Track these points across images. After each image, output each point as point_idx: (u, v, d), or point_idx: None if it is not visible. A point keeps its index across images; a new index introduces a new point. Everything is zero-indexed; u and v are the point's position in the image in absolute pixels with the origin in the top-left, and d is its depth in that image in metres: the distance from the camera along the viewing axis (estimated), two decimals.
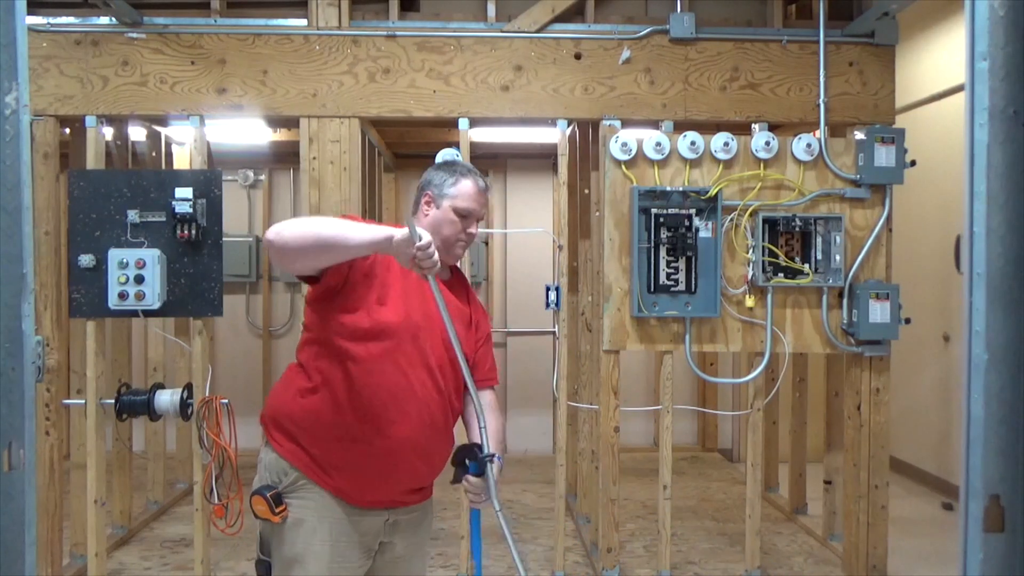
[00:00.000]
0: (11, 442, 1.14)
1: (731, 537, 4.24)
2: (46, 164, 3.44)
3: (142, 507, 4.57)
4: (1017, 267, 1.16)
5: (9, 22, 1.12)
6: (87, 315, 3.37)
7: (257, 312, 6.09)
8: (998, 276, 1.16)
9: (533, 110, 3.59)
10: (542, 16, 3.59)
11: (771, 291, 3.49)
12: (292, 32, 3.53)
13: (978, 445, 1.17)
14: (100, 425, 3.42)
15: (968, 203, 1.15)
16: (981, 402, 1.17)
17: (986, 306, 1.16)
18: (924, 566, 3.91)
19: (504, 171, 6.24)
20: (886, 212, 3.53)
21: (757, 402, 3.58)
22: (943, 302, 5.05)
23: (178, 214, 3.32)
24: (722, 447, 6.14)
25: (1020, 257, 1.15)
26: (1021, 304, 1.16)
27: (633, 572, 3.76)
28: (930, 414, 5.25)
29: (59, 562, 3.56)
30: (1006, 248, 1.16)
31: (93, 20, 3.49)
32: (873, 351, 3.55)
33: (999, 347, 1.16)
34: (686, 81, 3.59)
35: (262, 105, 3.52)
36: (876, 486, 3.59)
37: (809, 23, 3.67)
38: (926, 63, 5.28)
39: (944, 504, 4.90)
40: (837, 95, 3.60)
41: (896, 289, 3.49)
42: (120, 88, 3.49)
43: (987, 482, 1.16)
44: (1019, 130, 1.14)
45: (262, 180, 6.11)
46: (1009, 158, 1.15)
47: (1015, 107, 1.14)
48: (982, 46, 1.14)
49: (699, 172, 3.50)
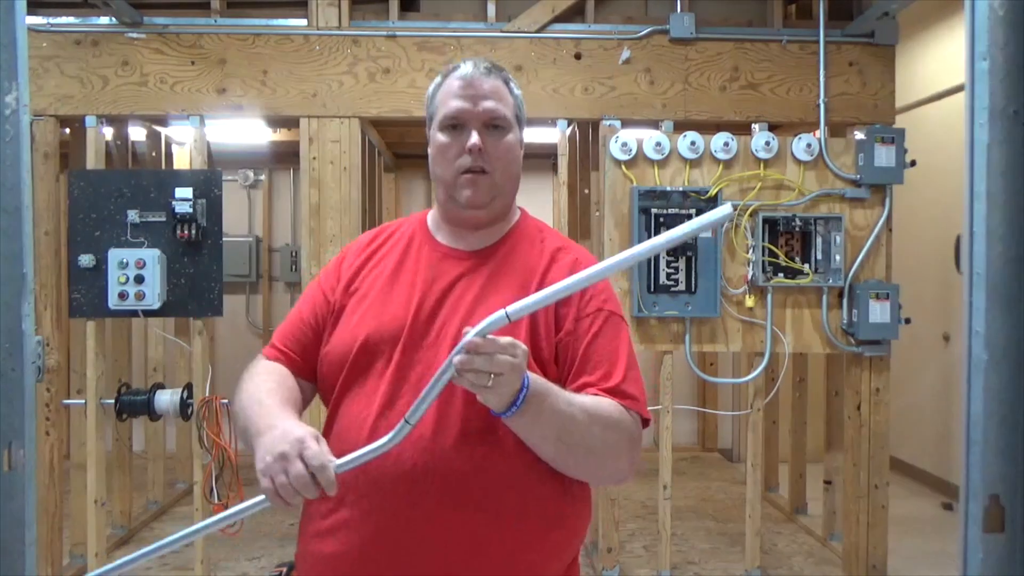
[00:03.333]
0: (11, 442, 1.14)
1: (731, 537, 4.23)
2: (46, 164, 3.44)
3: (142, 507, 4.56)
4: (1017, 267, 1.16)
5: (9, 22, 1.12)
6: (87, 315, 3.37)
7: (257, 312, 6.09)
8: (998, 276, 1.16)
9: (533, 110, 3.57)
10: (542, 16, 3.59)
11: (771, 291, 3.49)
12: (292, 32, 3.53)
13: (978, 445, 1.16)
14: (100, 425, 3.42)
15: (968, 203, 1.15)
16: (981, 402, 1.17)
17: (986, 306, 1.16)
18: (924, 566, 3.91)
19: None
20: (886, 212, 3.53)
21: (757, 402, 3.58)
22: (943, 302, 5.05)
23: (178, 214, 3.32)
24: (722, 447, 6.14)
25: (1020, 257, 1.15)
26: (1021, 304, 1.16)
27: (633, 572, 3.76)
28: (930, 414, 5.25)
29: (59, 562, 3.56)
30: (1006, 248, 1.15)
31: (93, 20, 3.49)
32: (873, 351, 3.55)
33: (999, 347, 1.16)
34: (686, 81, 3.59)
35: (262, 105, 3.52)
36: (876, 486, 3.59)
37: (809, 23, 3.67)
38: (926, 63, 5.28)
39: (944, 504, 4.90)
40: (837, 95, 3.59)
41: (896, 289, 3.49)
42: (120, 88, 3.49)
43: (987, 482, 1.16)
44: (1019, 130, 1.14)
45: (262, 180, 6.10)
46: (1009, 158, 1.15)
47: (1015, 107, 1.14)
48: (982, 46, 1.14)
49: (699, 172, 3.49)
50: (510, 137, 1.35)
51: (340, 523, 1.27)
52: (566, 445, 1.21)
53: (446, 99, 1.33)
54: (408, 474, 1.22)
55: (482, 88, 1.33)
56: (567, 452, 1.22)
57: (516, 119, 1.37)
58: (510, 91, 1.38)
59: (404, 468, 1.22)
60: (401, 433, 1.16)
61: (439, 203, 1.41)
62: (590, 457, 1.23)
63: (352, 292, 1.38)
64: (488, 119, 1.32)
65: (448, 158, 1.33)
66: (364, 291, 1.37)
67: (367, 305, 1.35)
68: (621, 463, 1.26)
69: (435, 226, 1.43)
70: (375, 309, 1.34)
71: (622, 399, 1.26)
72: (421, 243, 1.40)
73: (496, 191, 1.35)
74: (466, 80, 1.33)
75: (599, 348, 1.29)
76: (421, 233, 1.42)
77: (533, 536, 1.25)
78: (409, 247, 1.40)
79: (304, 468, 1.12)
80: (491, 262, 1.36)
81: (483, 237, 1.39)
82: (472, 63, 1.35)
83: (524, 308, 1.11)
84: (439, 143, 1.34)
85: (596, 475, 1.29)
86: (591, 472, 1.28)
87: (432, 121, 1.36)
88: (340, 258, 1.46)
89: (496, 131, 1.33)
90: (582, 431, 1.20)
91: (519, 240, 1.39)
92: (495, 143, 1.33)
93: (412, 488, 1.22)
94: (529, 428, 1.19)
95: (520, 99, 1.40)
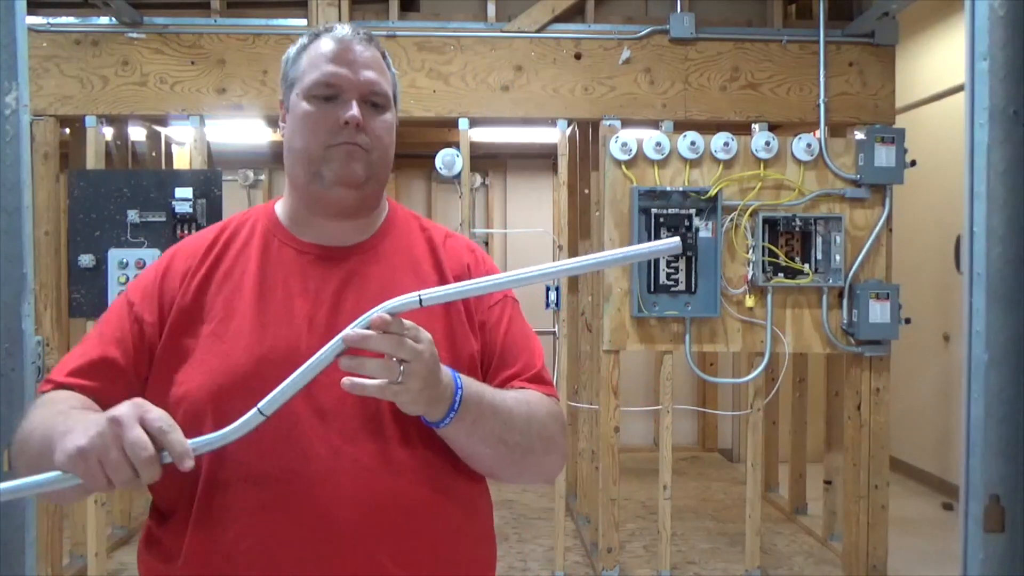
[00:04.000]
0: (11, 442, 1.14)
1: (731, 537, 4.23)
2: (46, 164, 3.44)
3: (142, 507, 4.56)
4: (1017, 267, 1.16)
5: (9, 22, 1.12)
6: (87, 315, 3.37)
7: None
8: (998, 276, 1.16)
9: (533, 110, 3.59)
10: (542, 16, 3.59)
11: (771, 291, 3.49)
12: (292, 32, 3.53)
13: (978, 445, 1.17)
14: None
15: (968, 203, 1.15)
16: (981, 402, 1.17)
17: (986, 306, 1.16)
18: (924, 566, 3.91)
19: (504, 171, 6.24)
20: (886, 212, 3.53)
21: (757, 402, 3.58)
22: (943, 302, 5.05)
23: (178, 214, 3.32)
24: (722, 447, 6.14)
25: (1020, 257, 1.16)
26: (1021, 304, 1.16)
27: (633, 572, 3.76)
28: (930, 414, 5.25)
29: (59, 562, 3.55)
30: (1006, 248, 1.16)
31: (93, 20, 3.49)
32: (873, 351, 3.54)
33: (999, 347, 1.16)
34: (686, 81, 3.59)
35: (262, 105, 3.52)
36: (876, 486, 3.59)
37: (809, 23, 3.67)
38: (926, 63, 5.28)
39: (944, 504, 4.90)
40: (837, 95, 3.59)
41: (896, 289, 3.49)
42: (120, 88, 3.49)
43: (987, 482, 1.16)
44: (1019, 130, 1.14)
45: (262, 180, 6.11)
46: (1009, 158, 1.15)
47: (1015, 107, 1.14)
48: (982, 46, 1.14)
49: (699, 172, 3.49)
50: (388, 116, 1.15)
51: None
52: (507, 447, 1.08)
53: (317, 62, 1.11)
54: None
55: (363, 55, 1.12)
56: (507, 455, 1.09)
57: (394, 99, 1.18)
58: (388, 66, 1.17)
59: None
60: (251, 423, 0.96)
61: (295, 187, 1.16)
62: (529, 456, 1.11)
63: (198, 320, 1.10)
64: (368, 91, 1.11)
65: (316, 131, 1.10)
66: (222, 315, 1.09)
67: (234, 332, 1.08)
68: (558, 456, 1.17)
69: (291, 221, 1.17)
70: (252, 336, 1.07)
71: (543, 386, 1.17)
72: (281, 244, 1.15)
73: (371, 171, 1.12)
74: (343, 44, 1.11)
75: (514, 336, 1.18)
76: (276, 232, 1.17)
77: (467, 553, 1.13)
78: (266, 251, 1.14)
79: (144, 434, 0.88)
80: (376, 257, 1.15)
81: (356, 230, 1.16)
82: (350, 26, 1.15)
83: (440, 296, 0.97)
84: (304, 112, 1.10)
85: (536, 474, 1.17)
86: (531, 472, 1.16)
87: (294, 87, 1.13)
88: (158, 273, 1.15)
89: (374, 108, 1.13)
90: (522, 430, 1.09)
91: (399, 231, 1.20)
92: (374, 120, 1.12)
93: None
94: (468, 434, 1.04)
95: (396, 77, 1.20)
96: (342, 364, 0.94)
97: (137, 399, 0.92)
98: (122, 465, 0.88)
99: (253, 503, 1.02)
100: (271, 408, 0.96)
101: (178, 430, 0.91)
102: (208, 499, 1.04)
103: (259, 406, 0.95)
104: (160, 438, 0.89)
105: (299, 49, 1.16)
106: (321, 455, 1.03)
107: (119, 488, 0.90)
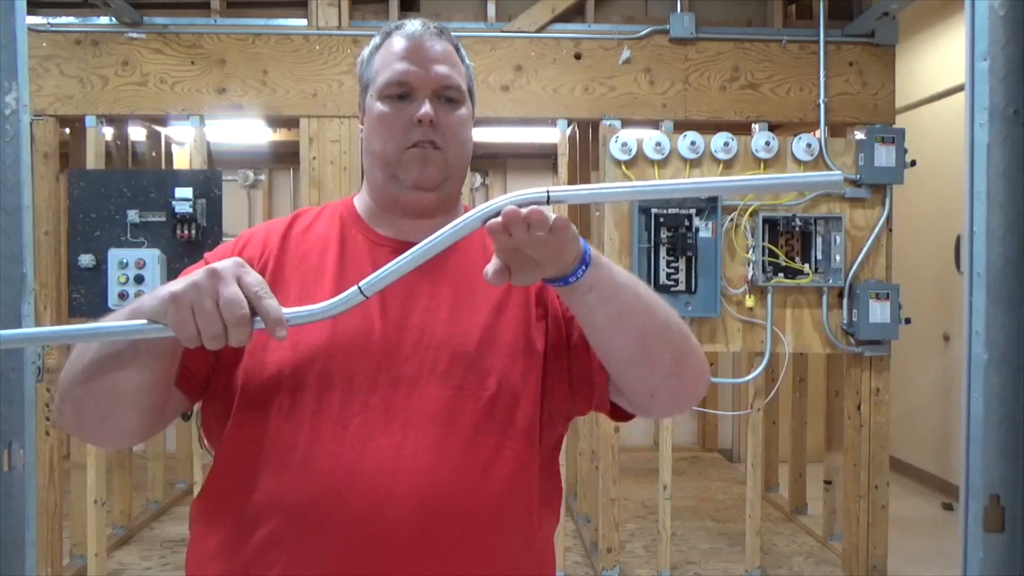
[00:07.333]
0: (11, 442, 1.14)
1: (731, 537, 4.23)
2: (46, 164, 3.44)
3: (142, 507, 4.56)
4: (1017, 267, 1.16)
5: (9, 22, 1.12)
6: (87, 315, 3.36)
7: None
8: (998, 276, 1.16)
9: (533, 110, 3.59)
10: (542, 16, 3.59)
11: (771, 291, 3.49)
12: (292, 32, 3.53)
13: (978, 445, 1.17)
14: None
15: (968, 203, 1.15)
16: (981, 402, 1.17)
17: (986, 306, 1.17)
18: (924, 566, 3.91)
19: (504, 171, 6.24)
20: (886, 212, 3.53)
21: (757, 402, 3.58)
22: (943, 302, 5.05)
23: (178, 214, 3.32)
24: (722, 447, 6.14)
25: (1020, 257, 1.16)
26: (1021, 304, 1.16)
27: (633, 572, 3.76)
28: (930, 414, 5.25)
29: (59, 562, 3.55)
30: (1006, 248, 1.16)
31: (93, 20, 3.49)
32: (873, 351, 3.55)
33: (999, 347, 1.16)
34: (686, 81, 3.59)
35: (262, 105, 3.52)
36: (876, 486, 3.59)
37: (809, 23, 3.67)
38: (926, 63, 5.28)
39: (944, 504, 4.90)
40: (837, 95, 3.59)
41: (896, 289, 3.49)
42: (120, 88, 3.49)
43: (987, 482, 1.16)
44: (1019, 130, 1.14)
45: (262, 180, 6.11)
46: (1009, 158, 1.15)
47: (1015, 107, 1.14)
48: (982, 46, 1.14)
49: (699, 172, 3.49)
50: (463, 111, 1.12)
51: None
52: (639, 329, 0.99)
53: (389, 61, 1.10)
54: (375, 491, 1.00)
55: (434, 50, 1.10)
56: (642, 337, 1.00)
57: (469, 92, 1.15)
58: (461, 59, 1.15)
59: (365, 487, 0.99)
60: (351, 300, 0.92)
61: (373, 187, 1.15)
62: (671, 347, 1.03)
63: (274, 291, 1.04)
64: (440, 87, 1.09)
65: (392, 130, 1.09)
66: (297, 290, 1.07)
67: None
68: (706, 366, 1.10)
69: (368, 214, 1.16)
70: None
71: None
72: (358, 235, 1.14)
73: (448, 172, 1.11)
74: (414, 40, 1.10)
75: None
76: (353, 221, 1.16)
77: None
78: (344, 239, 1.13)
79: (241, 292, 0.86)
80: (451, 256, 1.06)
81: (432, 229, 1.01)
82: (420, 22, 1.12)
83: (568, 195, 0.94)
84: (379, 113, 1.10)
85: (683, 372, 1.06)
86: (679, 367, 1.05)
87: (369, 89, 1.13)
88: (236, 249, 1.15)
89: (449, 104, 1.11)
90: (653, 307, 1.01)
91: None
92: (448, 116, 1.10)
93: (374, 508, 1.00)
94: (600, 297, 0.97)
95: (472, 70, 1.17)
96: (489, 226, 0.90)
97: (239, 258, 0.91)
98: (215, 318, 0.85)
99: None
100: (372, 289, 0.92)
101: (274, 298, 0.88)
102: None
103: (360, 284, 0.92)
104: (256, 303, 0.87)
105: (372, 50, 1.15)
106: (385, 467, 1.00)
107: (207, 344, 0.87)
